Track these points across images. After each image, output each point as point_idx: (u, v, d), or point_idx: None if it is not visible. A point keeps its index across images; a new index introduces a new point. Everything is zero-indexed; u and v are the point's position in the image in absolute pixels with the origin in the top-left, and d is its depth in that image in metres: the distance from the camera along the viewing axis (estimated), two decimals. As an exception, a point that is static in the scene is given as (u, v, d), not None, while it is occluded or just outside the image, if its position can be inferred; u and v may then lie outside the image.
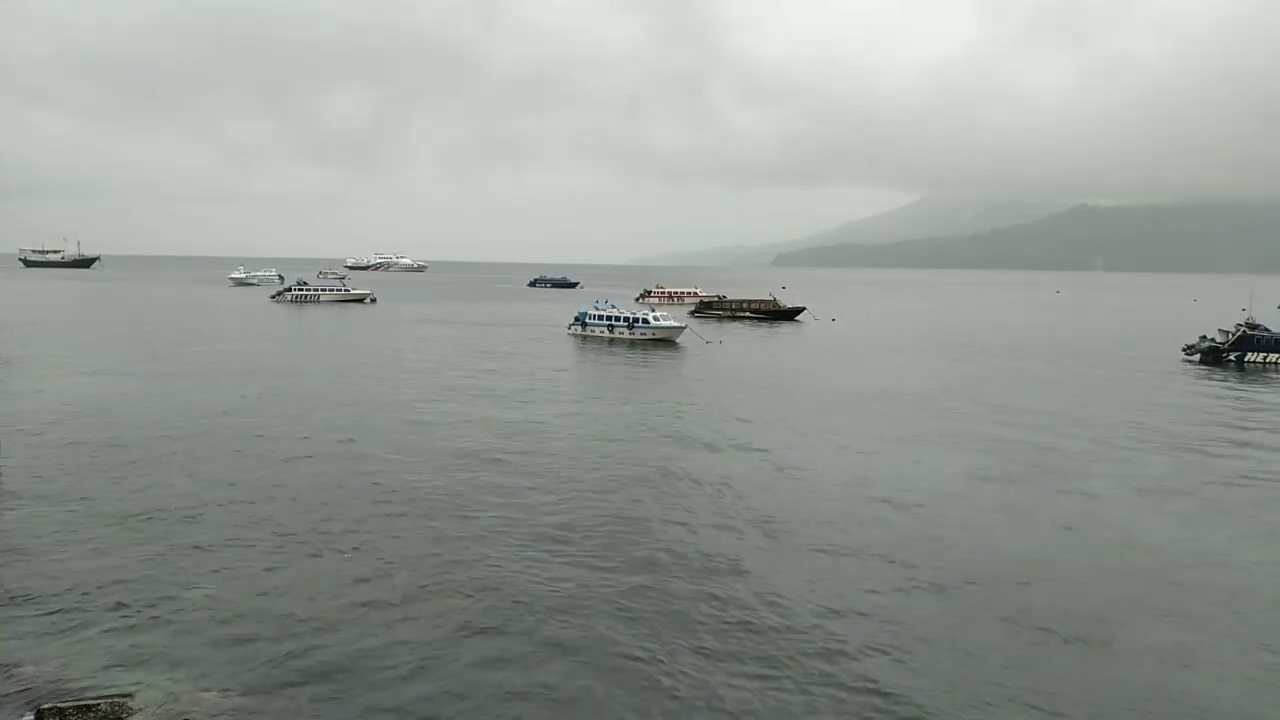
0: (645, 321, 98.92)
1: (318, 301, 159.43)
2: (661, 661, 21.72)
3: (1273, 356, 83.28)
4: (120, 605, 24.20)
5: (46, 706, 18.47)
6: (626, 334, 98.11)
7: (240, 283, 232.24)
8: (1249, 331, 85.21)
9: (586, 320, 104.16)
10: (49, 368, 69.19)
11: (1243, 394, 67.03)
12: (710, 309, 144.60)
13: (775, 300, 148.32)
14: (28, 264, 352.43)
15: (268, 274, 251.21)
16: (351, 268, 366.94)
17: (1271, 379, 75.26)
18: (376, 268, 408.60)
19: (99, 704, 18.65)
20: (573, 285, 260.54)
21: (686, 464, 41.36)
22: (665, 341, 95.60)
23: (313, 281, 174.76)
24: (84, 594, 24.86)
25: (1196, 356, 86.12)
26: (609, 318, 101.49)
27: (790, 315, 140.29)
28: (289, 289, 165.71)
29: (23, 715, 18.67)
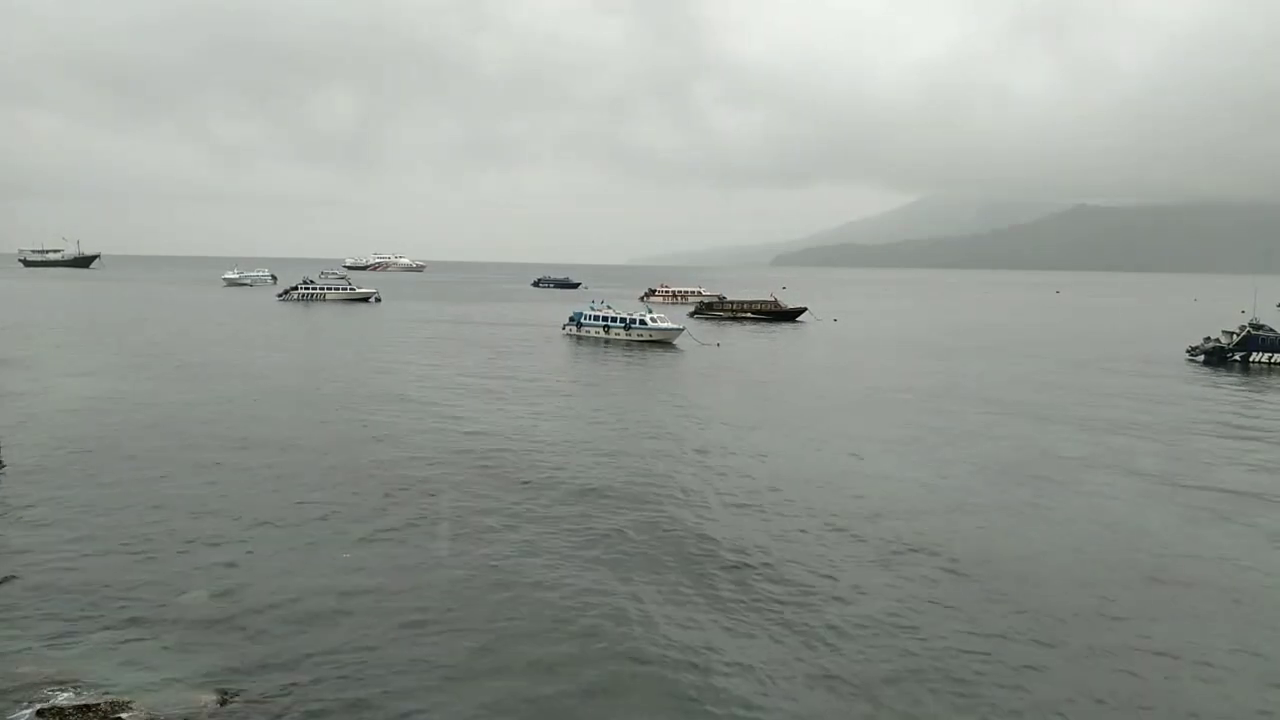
0: (641, 323, 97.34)
1: (324, 300, 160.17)
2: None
3: (1278, 357, 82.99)
4: (121, 605, 23.93)
5: (46, 706, 18.18)
6: (623, 335, 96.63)
7: (233, 283, 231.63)
8: (1253, 332, 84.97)
9: (582, 321, 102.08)
10: (53, 368, 68.91)
11: (1249, 395, 66.75)
12: (711, 310, 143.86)
13: (776, 301, 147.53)
14: (27, 264, 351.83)
15: (260, 274, 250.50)
16: (350, 267, 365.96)
17: (1277, 379, 74.95)
18: (375, 268, 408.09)
19: (99, 704, 18.38)
20: (575, 286, 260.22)
21: (674, 469, 40.98)
22: (662, 343, 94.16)
23: (317, 281, 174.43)
24: (84, 593, 24.60)
25: (1201, 357, 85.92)
26: (605, 318, 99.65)
27: (791, 316, 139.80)
28: (295, 287, 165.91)
29: (23, 715, 18.38)
